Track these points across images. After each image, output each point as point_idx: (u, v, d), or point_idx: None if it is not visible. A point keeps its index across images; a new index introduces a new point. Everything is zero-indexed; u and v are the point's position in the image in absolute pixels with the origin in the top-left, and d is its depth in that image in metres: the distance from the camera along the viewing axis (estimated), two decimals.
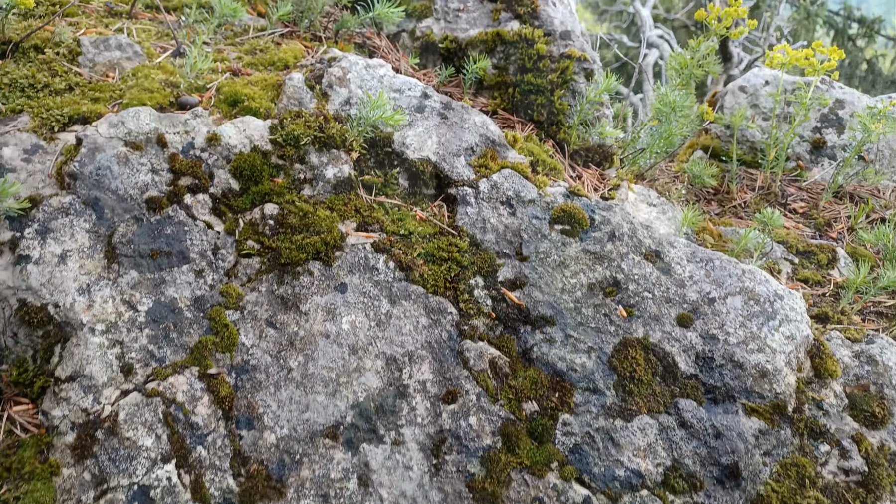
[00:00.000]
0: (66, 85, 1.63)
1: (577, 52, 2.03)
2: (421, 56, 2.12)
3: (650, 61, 8.51)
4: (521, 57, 2.04)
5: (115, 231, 1.45)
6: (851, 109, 2.53)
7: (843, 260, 2.14)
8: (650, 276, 1.69)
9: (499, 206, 1.71)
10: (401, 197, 1.71)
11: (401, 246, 1.61)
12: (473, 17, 2.11)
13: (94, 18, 1.83)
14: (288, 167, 1.63)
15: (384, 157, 1.72)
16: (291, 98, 1.71)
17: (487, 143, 1.80)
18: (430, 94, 1.82)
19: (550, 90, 2.02)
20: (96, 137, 1.52)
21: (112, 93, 1.64)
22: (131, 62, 1.73)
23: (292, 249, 1.53)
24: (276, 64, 1.82)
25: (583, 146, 2.04)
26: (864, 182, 2.41)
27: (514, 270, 1.64)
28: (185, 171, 1.54)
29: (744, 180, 2.47)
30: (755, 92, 2.57)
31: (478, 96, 2.09)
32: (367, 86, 1.78)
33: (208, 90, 1.69)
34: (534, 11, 2.08)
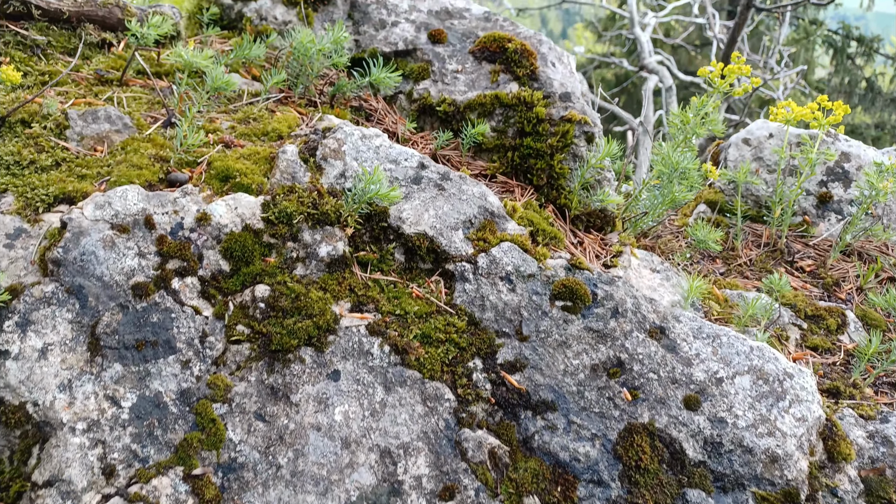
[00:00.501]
0: (52, 161, 1.59)
1: (577, 115, 1.99)
2: (418, 118, 2.08)
3: (650, 86, 8.52)
4: (521, 120, 2.00)
5: (99, 321, 1.40)
6: (857, 163, 2.48)
7: (854, 324, 2.08)
8: (655, 354, 1.63)
9: (498, 283, 1.65)
10: (397, 273, 1.66)
11: (396, 327, 1.55)
12: (471, 78, 2.08)
13: (84, 87, 1.79)
14: (280, 246, 1.58)
15: (380, 232, 1.67)
16: (285, 173, 1.66)
17: (486, 214, 1.75)
18: (426, 165, 1.77)
19: (550, 154, 1.98)
20: (81, 220, 1.47)
21: (100, 169, 1.60)
22: (120, 135, 1.69)
23: (283, 335, 1.47)
24: (270, 134, 1.78)
25: (584, 211, 1.99)
26: (872, 238, 2.36)
27: (514, 351, 1.58)
28: (174, 253, 1.49)
29: (749, 236, 2.41)
30: (759, 145, 2.52)
31: (476, 159, 2.05)
32: (363, 157, 1.73)
33: (199, 165, 1.65)
34: (533, 73, 2.05)
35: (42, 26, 1.83)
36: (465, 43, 2.14)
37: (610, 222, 2.04)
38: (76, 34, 1.88)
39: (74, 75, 1.81)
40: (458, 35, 2.16)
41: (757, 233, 2.43)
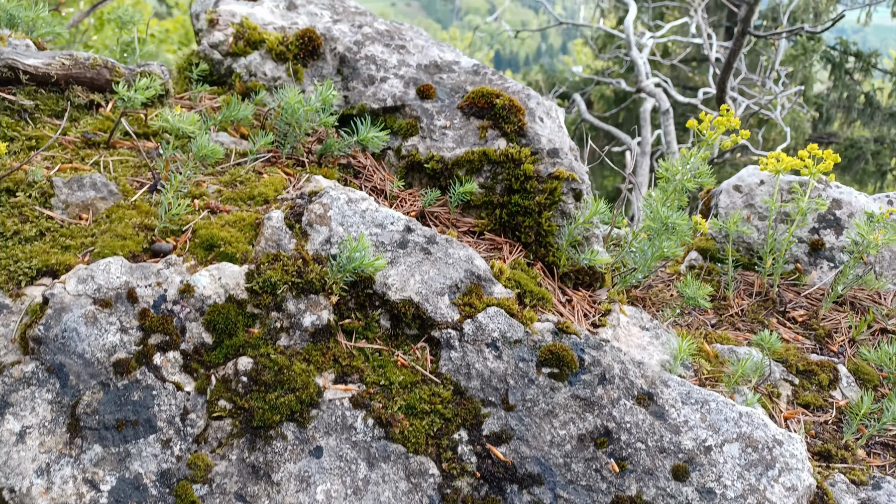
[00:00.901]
0: (36, 231, 1.59)
1: (565, 172, 1.99)
2: (407, 174, 2.08)
3: (647, 107, 8.55)
4: (508, 177, 2.00)
5: (79, 400, 1.39)
6: (849, 210, 2.48)
7: (846, 379, 2.06)
8: (643, 423, 1.61)
9: (484, 350, 1.64)
10: (382, 340, 1.65)
11: (381, 398, 1.54)
12: (460, 134, 2.08)
13: (71, 151, 1.80)
14: (264, 316, 1.57)
15: (365, 299, 1.66)
16: (270, 240, 1.66)
17: (472, 278, 1.74)
18: (413, 228, 1.77)
19: (538, 212, 1.98)
20: (64, 295, 1.47)
21: (84, 239, 1.60)
22: (106, 202, 1.69)
23: (266, 410, 1.46)
24: (256, 198, 1.78)
25: (572, 268, 1.99)
26: (864, 287, 2.35)
27: (499, 422, 1.57)
28: (156, 327, 1.48)
29: (741, 285, 2.40)
30: (750, 192, 2.52)
31: (465, 215, 2.05)
32: (349, 222, 1.73)
33: (184, 233, 1.64)
34: (521, 129, 2.05)
35: (30, 90, 1.84)
36: (453, 98, 2.15)
37: (599, 278, 2.03)
38: (64, 97, 1.89)
39: (62, 138, 1.81)
40: (447, 90, 2.16)
41: (748, 281, 2.42)
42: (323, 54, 2.20)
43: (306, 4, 2.42)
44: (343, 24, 2.30)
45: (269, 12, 2.31)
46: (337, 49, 2.20)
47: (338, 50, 2.20)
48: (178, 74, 2.22)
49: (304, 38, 2.17)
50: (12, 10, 2.13)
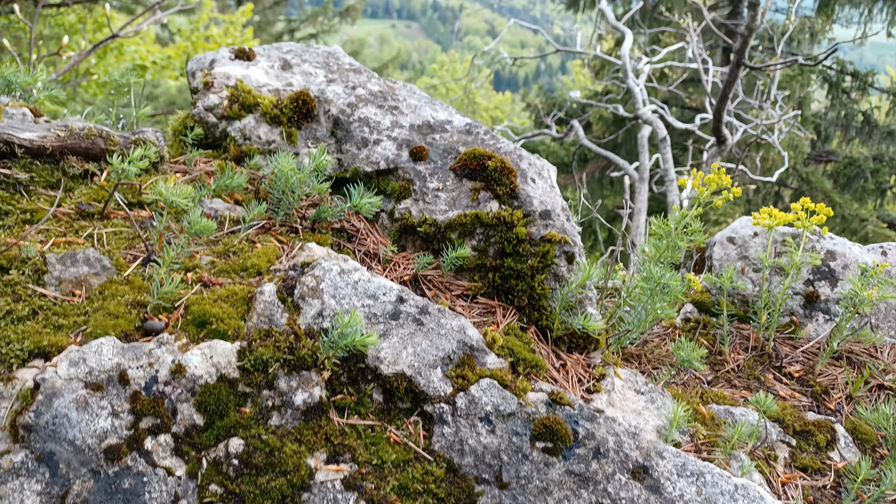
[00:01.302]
0: (29, 310, 1.59)
1: (557, 234, 2.00)
2: (400, 237, 2.09)
3: (645, 133, 8.59)
4: (501, 240, 2.01)
5: (69, 490, 1.38)
6: (843, 261, 2.48)
7: (844, 439, 2.04)
8: (638, 498, 1.60)
9: (477, 424, 1.64)
10: (375, 415, 1.64)
11: (373, 479, 1.53)
12: (452, 196, 2.09)
13: (65, 223, 1.81)
14: (256, 395, 1.57)
15: (357, 373, 1.66)
16: (262, 315, 1.66)
17: (465, 349, 1.74)
18: (405, 299, 1.77)
19: (531, 275, 1.98)
20: (55, 380, 1.47)
21: (76, 318, 1.60)
22: (99, 277, 1.70)
23: (257, 495, 1.45)
24: (249, 270, 1.78)
25: (566, 332, 1.98)
26: (860, 341, 2.34)
27: (493, 501, 1.55)
28: (147, 410, 1.48)
29: (737, 339, 2.40)
30: (744, 244, 2.52)
31: (458, 278, 2.05)
32: (341, 294, 1.73)
33: (176, 309, 1.65)
34: (513, 191, 2.06)
35: (25, 163, 1.86)
36: (446, 159, 2.16)
37: (593, 341, 2.02)
38: (59, 167, 1.90)
39: (56, 210, 1.82)
40: (440, 151, 2.18)
41: (744, 334, 2.41)
42: (317, 116, 2.22)
43: (301, 64, 2.45)
44: (337, 84, 2.33)
45: (263, 73, 2.34)
46: (331, 111, 2.22)
47: (332, 112, 2.22)
48: (174, 137, 2.24)
49: (299, 101, 2.19)
50: (10, 76, 2.15)
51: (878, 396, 2.19)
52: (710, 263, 2.56)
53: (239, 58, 2.41)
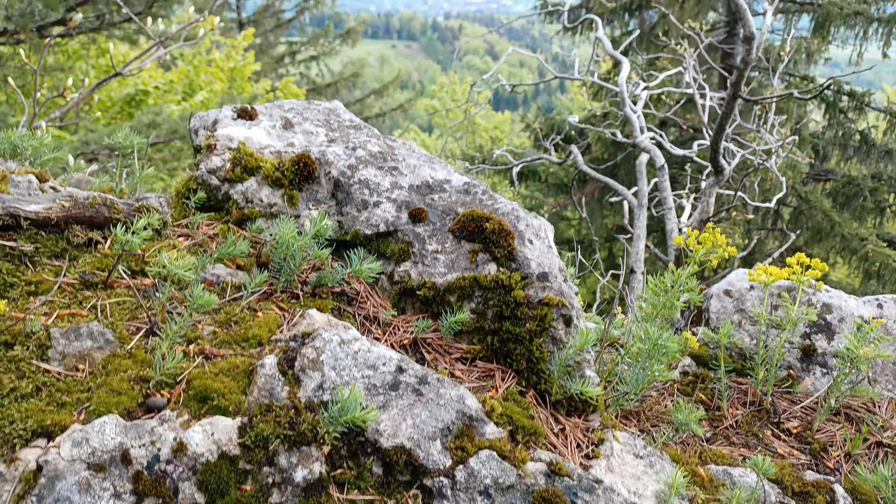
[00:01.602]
0: (33, 387, 1.61)
1: (554, 297, 2.02)
2: (400, 300, 2.11)
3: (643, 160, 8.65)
4: (499, 303, 2.03)
5: None
6: (839, 314, 2.50)
7: (843, 500, 2.05)
8: None
9: (476, 498, 1.65)
10: (374, 488, 1.65)
11: None
12: (451, 258, 2.11)
13: (69, 294, 1.83)
14: (256, 472, 1.58)
15: (357, 447, 1.67)
16: (263, 389, 1.68)
17: (464, 419, 1.75)
18: (405, 368, 1.79)
19: (529, 339, 2.00)
20: (58, 462, 1.48)
21: (80, 395, 1.62)
22: (102, 351, 1.72)
23: None
24: (251, 341, 1.81)
25: (564, 396, 2.00)
26: (858, 395, 2.35)
27: None
28: (149, 491, 1.49)
29: (735, 393, 2.41)
30: (741, 297, 2.55)
31: (457, 341, 2.07)
32: (341, 366, 1.75)
33: (178, 384, 1.67)
34: (511, 253, 2.08)
35: (30, 234, 1.89)
36: (444, 220, 2.19)
37: (591, 404, 2.04)
38: (63, 237, 1.93)
39: (58, 279, 1.85)
40: (439, 212, 2.21)
41: (742, 388, 2.43)
42: (318, 178, 2.26)
43: (302, 122, 2.49)
44: (338, 145, 2.37)
45: (265, 134, 2.38)
46: (331, 173, 2.26)
47: (332, 174, 2.26)
48: (177, 198, 2.27)
49: (300, 164, 2.23)
50: (15, 141, 2.19)
51: (877, 454, 2.20)
52: (707, 316, 2.58)
53: (241, 117, 2.45)
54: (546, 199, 19.04)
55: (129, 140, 2.30)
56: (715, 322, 2.53)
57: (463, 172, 2.42)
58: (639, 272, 7.64)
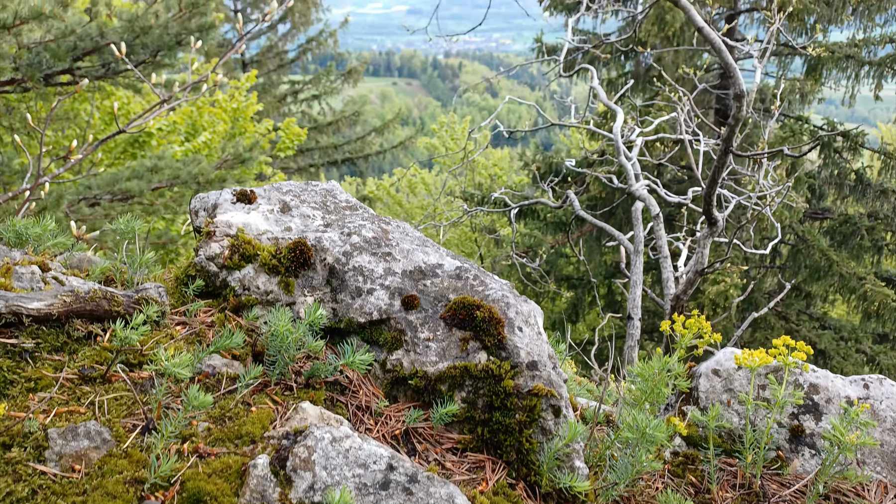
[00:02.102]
0: (29, 490, 1.64)
1: (543, 388, 2.06)
2: (392, 388, 2.15)
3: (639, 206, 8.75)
4: (490, 393, 2.07)
5: None
6: (826, 395, 2.53)
7: None
8: None
9: None
10: None
11: None
12: (442, 346, 2.16)
13: (68, 390, 1.87)
14: None
15: None
16: (254, 492, 1.71)
17: None
18: (395, 466, 1.82)
19: (519, 430, 2.04)
20: None
21: (75, 497, 1.65)
22: (99, 451, 1.75)
23: None
24: (244, 438, 1.84)
25: (554, 488, 2.03)
26: (847, 479, 2.37)
27: None
28: None
29: (724, 475, 2.43)
30: (729, 377, 2.59)
31: (449, 431, 2.10)
32: (332, 465, 1.78)
33: (172, 486, 1.70)
34: (500, 342, 2.13)
35: (32, 330, 1.94)
36: (436, 307, 2.25)
37: (580, 499, 2.06)
38: (64, 331, 1.99)
39: (59, 375, 1.89)
40: (431, 299, 2.26)
41: (732, 470, 2.45)
42: (314, 265, 2.32)
43: (300, 206, 2.57)
44: (333, 230, 2.43)
45: (263, 219, 2.45)
46: (327, 260, 2.32)
47: (328, 261, 2.32)
48: (175, 284, 2.33)
49: (297, 251, 2.30)
50: (19, 229, 2.26)
51: None
52: (696, 394, 2.61)
53: (240, 201, 2.53)
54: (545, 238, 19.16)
55: (131, 226, 2.37)
56: (704, 402, 2.57)
57: (454, 255, 2.48)
58: (636, 318, 7.66)
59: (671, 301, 6.93)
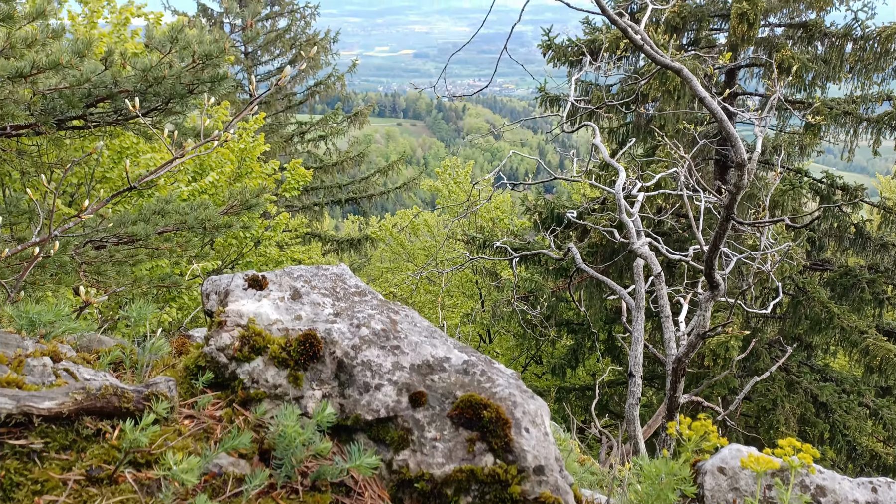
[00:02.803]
0: None
1: (550, 495, 2.06)
2: (398, 489, 2.15)
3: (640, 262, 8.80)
4: (496, 499, 2.06)
5: None
6: (833, 498, 2.52)
7: None
8: None
9: None
10: None
11: None
12: (449, 447, 2.16)
13: (74, 493, 1.87)
14: None
15: None
16: None
17: None
18: None
19: None
20: None
21: None
22: None
23: None
24: None
25: None
26: None
27: None
28: None
29: None
30: (734, 475, 2.58)
31: None
32: None
33: None
34: (507, 444, 2.13)
35: (41, 430, 1.95)
36: (443, 405, 2.25)
37: None
38: (73, 429, 1.99)
39: (65, 477, 1.89)
40: (438, 395, 2.27)
41: None
42: (322, 357, 2.34)
43: (310, 292, 2.60)
44: (343, 321, 2.46)
45: (274, 308, 2.48)
46: (335, 353, 2.34)
47: (336, 354, 2.34)
48: (185, 375, 2.34)
49: (306, 343, 2.32)
50: (32, 316, 2.29)
51: None
52: (701, 492, 2.60)
53: (252, 286, 2.56)
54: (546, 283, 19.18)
55: (142, 313, 2.40)
56: (710, 500, 2.55)
57: (462, 347, 2.50)
58: (637, 376, 7.63)
59: (673, 363, 6.92)
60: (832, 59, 17.03)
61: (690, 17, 17.90)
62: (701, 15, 17.94)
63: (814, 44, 17.55)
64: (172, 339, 2.85)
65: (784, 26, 18.13)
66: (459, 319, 22.08)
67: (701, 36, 18.72)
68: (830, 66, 16.90)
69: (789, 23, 18.04)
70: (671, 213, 12.84)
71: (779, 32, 18.35)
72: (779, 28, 18.28)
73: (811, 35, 17.41)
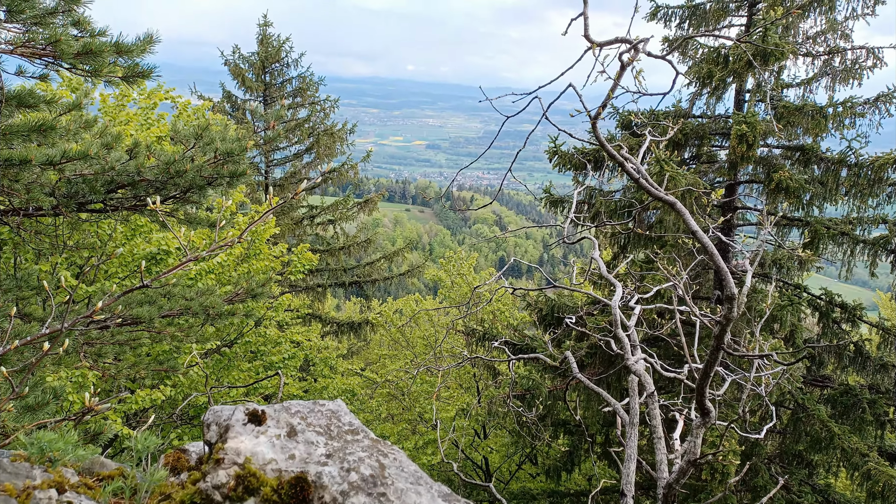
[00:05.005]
0: None
1: None
2: None
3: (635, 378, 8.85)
4: None
5: None
6: None
7: None
8: None
9: None
10: None
11: None
12: None
13: None
14: None
15: None
16: None
17: None
18: None
19: None
20: None
21: None
22: None
23: None
24: None
25: None
26: None
27: None
28: None
29: None
30: None
31: None
32: None
33: None
34: None
35: None
36: None
37: None
38: None
39: None
40: None
41: None
42: (311, 502, 2.45)
43: (305, 430, 2.74)
44: (333, 464, 2.59)
45: (270, 446, 2.61)
46: (325, 498, 2.45)
47: (325, 499, 2.45)
48: None
49: (297, 487, 2.44)
50: (44, 445, 2.43)
51: None
52: None
53: (252, 421, 2.70)
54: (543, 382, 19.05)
55: (147, 445, 2.53)
56: None
57: (446, 496, 2.61)
58: (629, 496, 7.53)
59: (664, 489, 6.85)
60: (828, 182, 17.65)
61: (692, 133, 18.73)
62: (702, 132, 18.76)
63: (811, 166, 18.20)
64: (167, 453, 2.96)
65: (782, 147, 18.86)
66: (455, 413, 21.74)
67: (702, 151, 19.48)
68: (827, 188, 17.49)
69: (787, 145, 18.77)
70: (670, 326, 12.98)
71: (777, 153, 19.09)
72: (777, 149, 19.03)
73: (808, 158, 18.10)
